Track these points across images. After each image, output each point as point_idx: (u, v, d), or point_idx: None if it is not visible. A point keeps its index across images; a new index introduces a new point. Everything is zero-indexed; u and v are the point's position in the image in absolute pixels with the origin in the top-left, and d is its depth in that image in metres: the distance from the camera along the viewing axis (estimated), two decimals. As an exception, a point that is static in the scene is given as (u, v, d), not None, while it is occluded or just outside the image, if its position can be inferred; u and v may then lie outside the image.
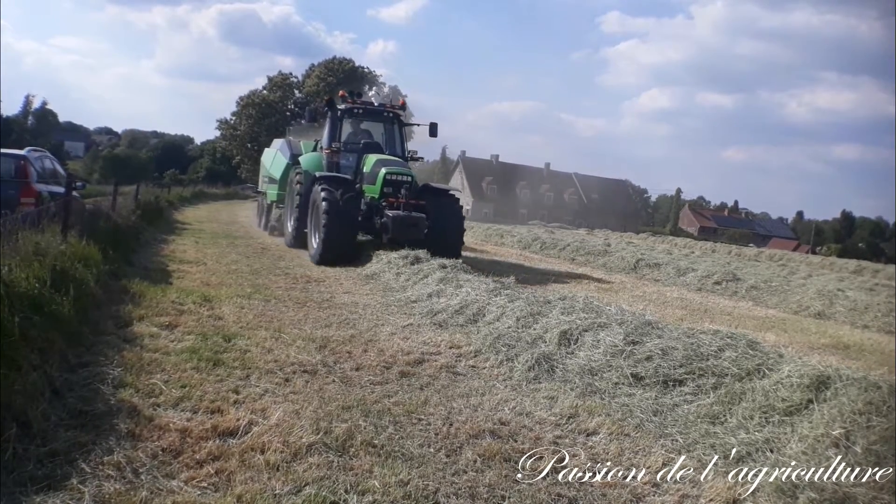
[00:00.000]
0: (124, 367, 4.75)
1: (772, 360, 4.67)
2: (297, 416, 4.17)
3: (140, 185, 21.35)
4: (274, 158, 18.38)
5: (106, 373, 4.55)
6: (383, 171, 12.90)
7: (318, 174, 13.41)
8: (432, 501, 3.30)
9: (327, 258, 12.04)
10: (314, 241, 12.80)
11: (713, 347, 5.05)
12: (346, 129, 14.97)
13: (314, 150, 15.53)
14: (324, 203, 12.20)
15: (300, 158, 15.25)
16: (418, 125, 15.64)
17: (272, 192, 18.07)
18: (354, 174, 13.95)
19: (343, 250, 12.24)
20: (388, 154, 14.35)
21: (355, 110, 14.70)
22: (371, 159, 13.60)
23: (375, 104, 15.13)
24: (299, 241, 14.18)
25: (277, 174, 17.46)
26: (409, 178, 12.99)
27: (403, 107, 15.42)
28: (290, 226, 15.19)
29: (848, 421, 3.60)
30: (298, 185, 14.37)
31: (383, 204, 12.68)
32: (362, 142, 14.72)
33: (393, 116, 15.18)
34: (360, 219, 12.85)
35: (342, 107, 14.49)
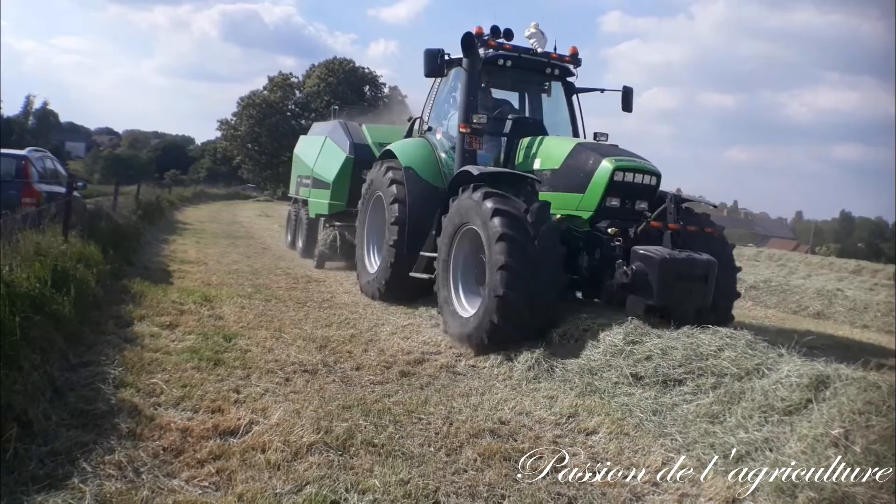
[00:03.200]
0: (125, 366, 4.76)
1: (771, 360, 4.68)
2: (298, 416, 4.18)
3: (141, 185, 21.36)
4: (322, 151, 12.41)
5: (107, 372, 4.56)
6: (607, 166, 6.72)
7: (475, 170, 6.94)
8: (432, 500, 3.31)
9: (509, 333, 6.06)
10: (458, 303, 6.89)
11: (712, 347, 5.06)
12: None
13: (409, 134, 9.48)
14: (503, 231, 6.03)
15: (393, 148, 8.78)
16: (602, 91, 8.86)
17: (319, 201, 12.06)
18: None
19: (539, 319, 6.18)
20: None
21: (501, 60, 8.10)
22: (562, 145, 7.35)
23: (539, 50, 8.35)
24: (398, 289, 8.30)
25: (329, 174, 11.66)
26: (655, 181, 7.01)
27: (577, 58, 8.64)
28: (373, 264, 9.05)
29: (847, 420, 3.61)
30: (397, 204, 8.13)
31: (609, 233, 6.57)
32: (509, 116, 8.39)
33: (560, 74, 8.67)
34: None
35: (484, 52, 8.02)
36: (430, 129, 9.02)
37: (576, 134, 8.78)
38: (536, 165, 7.49)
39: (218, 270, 10.22)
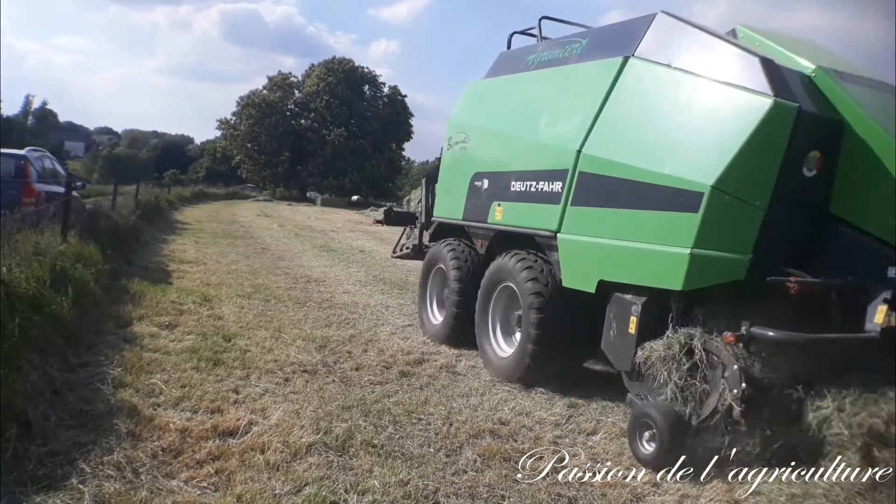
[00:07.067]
0: (124, 366, 4.75)
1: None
2: (297, 416, 4.17)
3: (140, 184, 21.35)
4: (613, 97, 4.79)
5: (106, 373, 4.56)
6: None
7: None
8: (432, 501, 3.30)
9: None
10: None
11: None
12: None
13: None
14: None
15: None
16: None
17: (634, 247, 4.25)
18: None
19: None
20: None
21: None
22: None
23: None
24: None
25: (696, 168, 3.92)
26: None
27: None
28: None
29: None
30: None
31: None
32: None
33: None
34: None
35: None
36: None
37: None
38: None
39: (217, 270, 10.21)
